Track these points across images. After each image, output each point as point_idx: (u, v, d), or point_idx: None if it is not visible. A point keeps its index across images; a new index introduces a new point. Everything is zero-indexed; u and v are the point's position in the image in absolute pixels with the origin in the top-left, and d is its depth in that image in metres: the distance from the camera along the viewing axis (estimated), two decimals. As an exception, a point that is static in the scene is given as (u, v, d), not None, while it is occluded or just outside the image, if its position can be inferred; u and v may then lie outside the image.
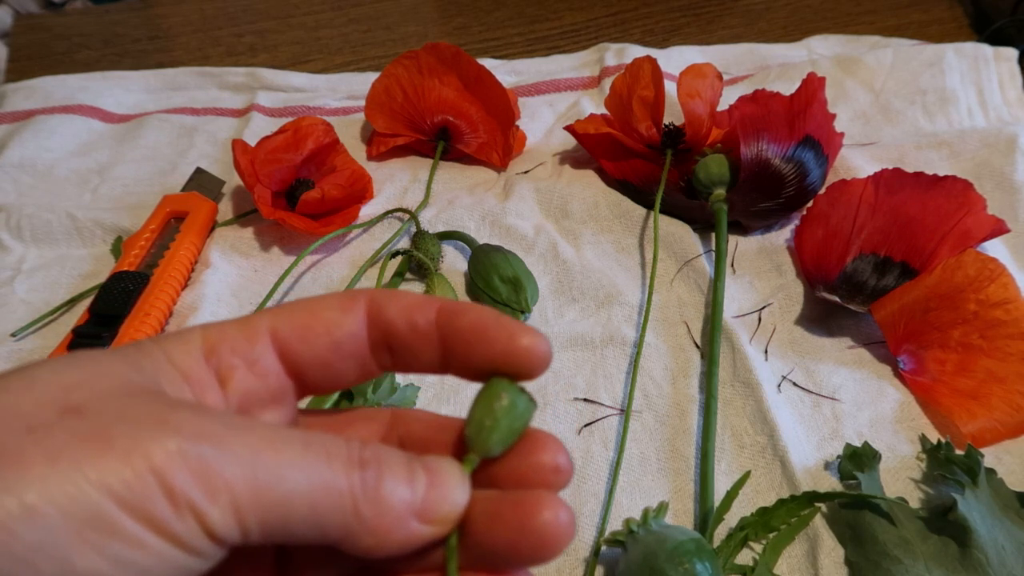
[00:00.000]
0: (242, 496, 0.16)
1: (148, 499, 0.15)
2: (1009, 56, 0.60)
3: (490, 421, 0.19)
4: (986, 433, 0.38)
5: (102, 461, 0.15)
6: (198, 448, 0.16)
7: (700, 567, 0.30)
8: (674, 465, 0.39)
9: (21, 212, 0.50)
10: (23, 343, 0.45)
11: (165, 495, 0.15)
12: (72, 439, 0.15)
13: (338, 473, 0.17)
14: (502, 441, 0.19)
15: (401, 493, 0.18)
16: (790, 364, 0.43)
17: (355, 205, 0.51)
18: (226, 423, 0.17)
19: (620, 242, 0.50)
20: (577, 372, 0.42)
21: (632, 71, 0.50)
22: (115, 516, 0.15)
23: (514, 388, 0.20)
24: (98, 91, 0.62)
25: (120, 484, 0.15)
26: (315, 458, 0.17)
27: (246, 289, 0.47)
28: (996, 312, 0.40)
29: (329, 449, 0.17)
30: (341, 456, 0.17)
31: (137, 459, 0.15)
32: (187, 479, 0.15)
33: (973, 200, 0.44)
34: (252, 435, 0.17)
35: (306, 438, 0.17)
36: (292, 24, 0.73)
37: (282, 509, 0.16)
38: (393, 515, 0.17)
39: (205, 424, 0.16)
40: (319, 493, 0.17)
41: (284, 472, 0.16)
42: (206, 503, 0.15)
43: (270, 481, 0.16)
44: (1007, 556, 0.33)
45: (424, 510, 0.18)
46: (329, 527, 0.17)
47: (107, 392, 0.16)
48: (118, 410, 0.16)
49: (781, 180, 0.47)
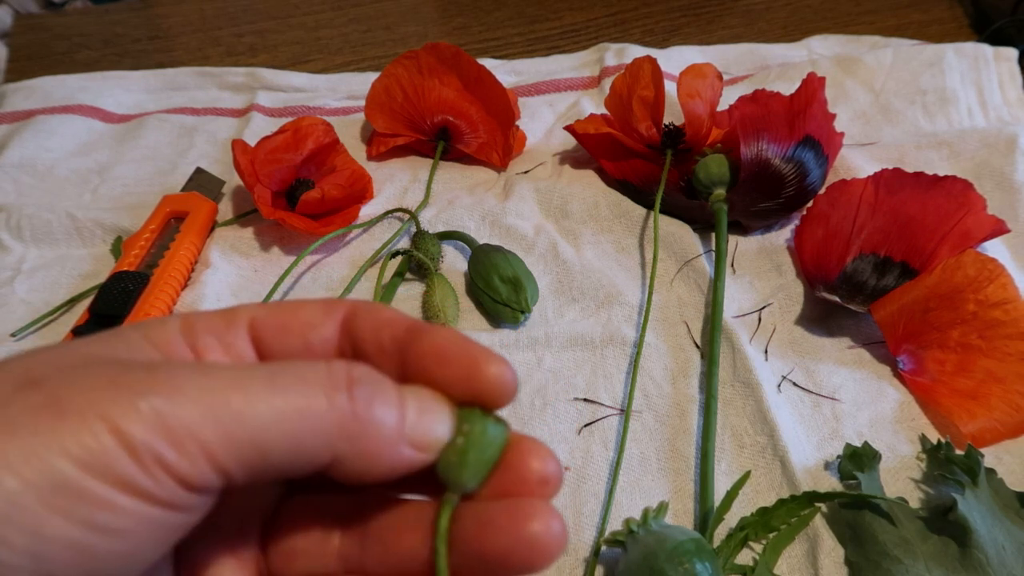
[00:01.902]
0: (211, 440, 0.16)
1: (111, 459, 0.15)
2: (1009, 56, 0.60)
3: (456, 458, 0.18)
4: (986, 433, 0.38)
5: (60, 427, 0.15)
6: (153, 401, 0.15)
7: (700, 567, 0.30)
8: (674, 465, 0.39)
9: (21, 212, 0.50)
10: (23, 343, 0.45)
11: (128, 453, 0.15)
12: (27, 409, 0.15)
13: (316, 396, 0.17)
14: (476, 475, 0.19)
15: (392, 416, 0.18)
16: (790, 364, 0.43)
17: (355, 205, 0.51)
18: (183, 371, 0.16)
19: (620, 242, 0.50)
20: (577, 372, 0.42)
21: (632, 71, 0.50)
22: (79, 480, 0.15)
23: (477, 417, 0.19)
24: (98, 91, 0.62)
25: (79, 448, 0.15)
26: (284, 386, 0.17)
27: (246, 289, 0.47)
28: (995, 312, 0.40)
29: (303, 374, 0.17)
30: (319, 379, 0.17)
31: (93, 421, 0.15)
32: (147, 434, 0.15)
33: (973, 200, 0.44)
34: (211, 378, 0.16)
35: (272, 368, 0.17)
36: (292, 24, 0.73)
37: (257, 444, 0.16)
38: (383, 437, 0.17)
39: (160, 376, 0.16)
40: (294, 420, 0.16)
41: (251, 407, 0.16)
42: (173, 454, 0.15)
43: (237, 419, 0.16)
44: (1007, 556, 0.33)
45: (414, 434, 0.18)
46: (314, 452, 0.17)
47: (67, 365, 0.16)
48: (72, 379, 0.16)
49: (781, 180, 0.47)
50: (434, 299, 0.45)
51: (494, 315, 0.45)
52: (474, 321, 0.46)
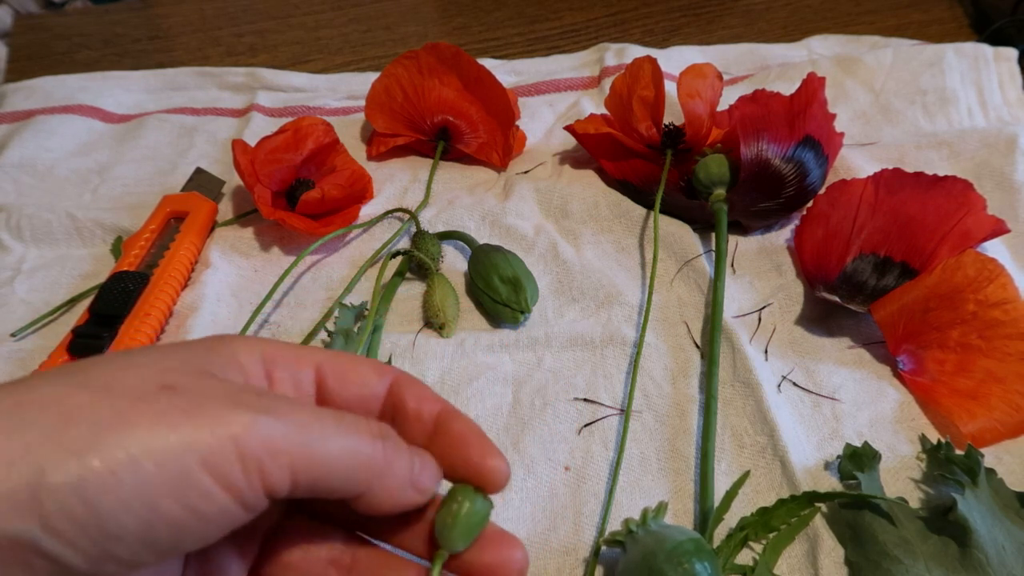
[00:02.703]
0: (297, 460, 0.20)
1: (225, 462, 0.19)
2: (1009, 56, 0.60)
3: (451, 521, 0.24)
4: (986, 433, 0.38)
5: (192, 429, 0.19)
6: (264, 421, 0.20)
7: (699, 567, 0.30)
8: (674, 465, 0.39)
9: (21, 212, 0.50)
10: (23, 343, 0.45)
11: (238, 459, 0.19)
12: (170, 409, 0.19)
13: (366, 442, 0.22)
14: (464, 539, 0.24)
15: (406, 465, 0.23)
16: (790, 364, 0.43)
17: (355, 205, 0.51)
18: (283, 403, 0.21)
19: (620, 242, 0.50)
20: (577, 372, 0.42)
21: (632, 71, 0.50)
22: (196, 473, 0.19)
23: (471, 493, 0.24)
24: (98, 91, 0.62)
25: (204, 447, 0.19)
26: (347, 429, 0.22)
27: (246, 289, 0.47)
28: (995, 312, 0.40)
29: (357, 424, 0.22)
30: (370, 430, 0.23)
31: (220, 428, 0.19)
32: (257, 446, 0.19)
33: (973, 200, 0.44)
34: (301, 412, 0.21)
35: (337, 415, 0.22)
36: (292, 24, 0.73)
37: (326, 468, 0.21)
38: (398, 481, 0.23)
39: (267, 403, 0.21)
40: (351, 456, 0.22)
41: (327, 440, 0.21)
42: (269, 466, 0.20)
43: (318, 447, 0.21)
44: (1007, 556, 0.33)
45: (417, 481, 0.24)
46: (355, 481, 0.22)
47: (193, 374, 0.21)
48: (202, 389, 0.20)
49: (781, 180, 0.47)
50: (434, 299, 0.45)
51: (494, 315, 0.45)
52: (474, 321, 0.46)
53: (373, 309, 0.43)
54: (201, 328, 0.44)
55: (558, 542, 0.36)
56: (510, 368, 0.43)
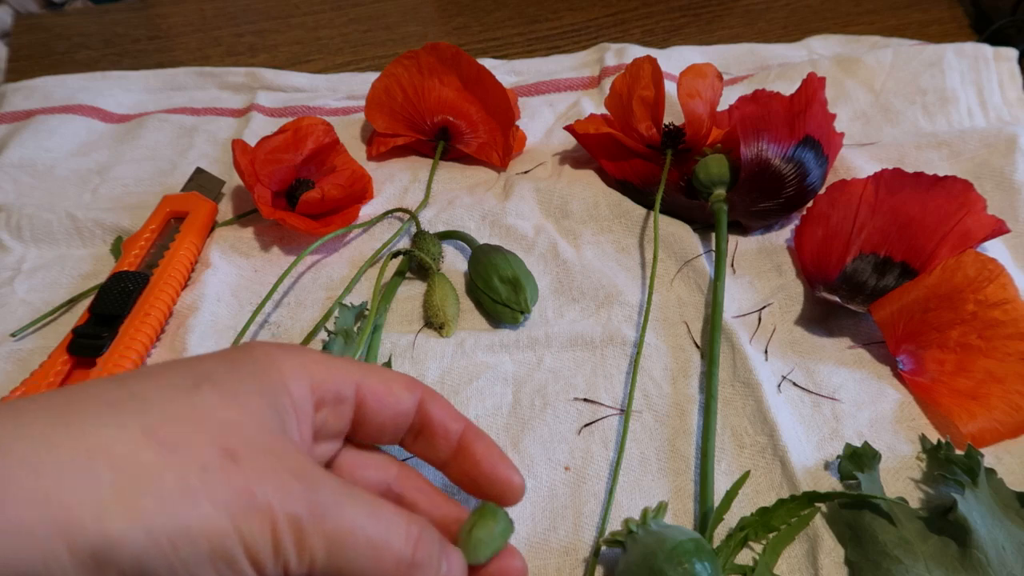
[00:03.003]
0: (317, 550, 0.22)
1: (261, 545, 0.21)
2: (1009, 56, 0.60)
3: (487, 538, 0.27)
4: (986, 433, 0.38)
5: (242, 513, 0.21)
6: (303, 516, 0.22)
7: (699, 567, 0.30)
8: (674, 465, 0.39)
9: (21, 212, 0.50)
10: (23, 343, 0.45)
11: (272, 545, 0.21)
12: (227, 488, 0.21)
13: (397, 539, 0.24)
14: (489, 554, 0.27)
15: (435, 567, 0.25)
16: (790, 364, 0.43)
17: (355, 205, 0.51)
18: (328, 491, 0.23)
19: (620, 242, 0.50)
20: (577, 372, 0.42)
21: (632, 71, 0.50)
22: (236, 554, 0.21)
23: (502, 514, 0.28)
24: (98, 91, 0.62)
25: (248, 532, 0.21)
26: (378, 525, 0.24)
27: (246, 289, 0.47)
28: (994, 312, 0.40)
29: (390, 523, 0.24)
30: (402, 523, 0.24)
31: (263, 518, 0.21)
32: (290, 539, 0.22)
33: (973, 200, 0.44)
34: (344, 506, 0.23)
35: (374, 509, 0.24)
36: (292, 24, 0.73)
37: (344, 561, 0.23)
38: None
39: (312, 497, 0.23)
40: (375, 552, 0.23)
41: (356, 535, 0.23)
42: (295, 558, 0.22)
43: (345, 542, 0.23)
44: (1007, 556, 0.33)
45: None
46: None
47: (253, 433, 0.23)
48: (259, 464, 0.22)
49: (781, 180, 0.47)
50: (435, 299, 0.45)
51: (494, 315, 0.45)
52: (474, 321, 0.46)
53: (373, 309, 0.43)
54: (201, 328, 0.44)
55: (558, 542, 0.36)
56: (510, 368, 0.43)
